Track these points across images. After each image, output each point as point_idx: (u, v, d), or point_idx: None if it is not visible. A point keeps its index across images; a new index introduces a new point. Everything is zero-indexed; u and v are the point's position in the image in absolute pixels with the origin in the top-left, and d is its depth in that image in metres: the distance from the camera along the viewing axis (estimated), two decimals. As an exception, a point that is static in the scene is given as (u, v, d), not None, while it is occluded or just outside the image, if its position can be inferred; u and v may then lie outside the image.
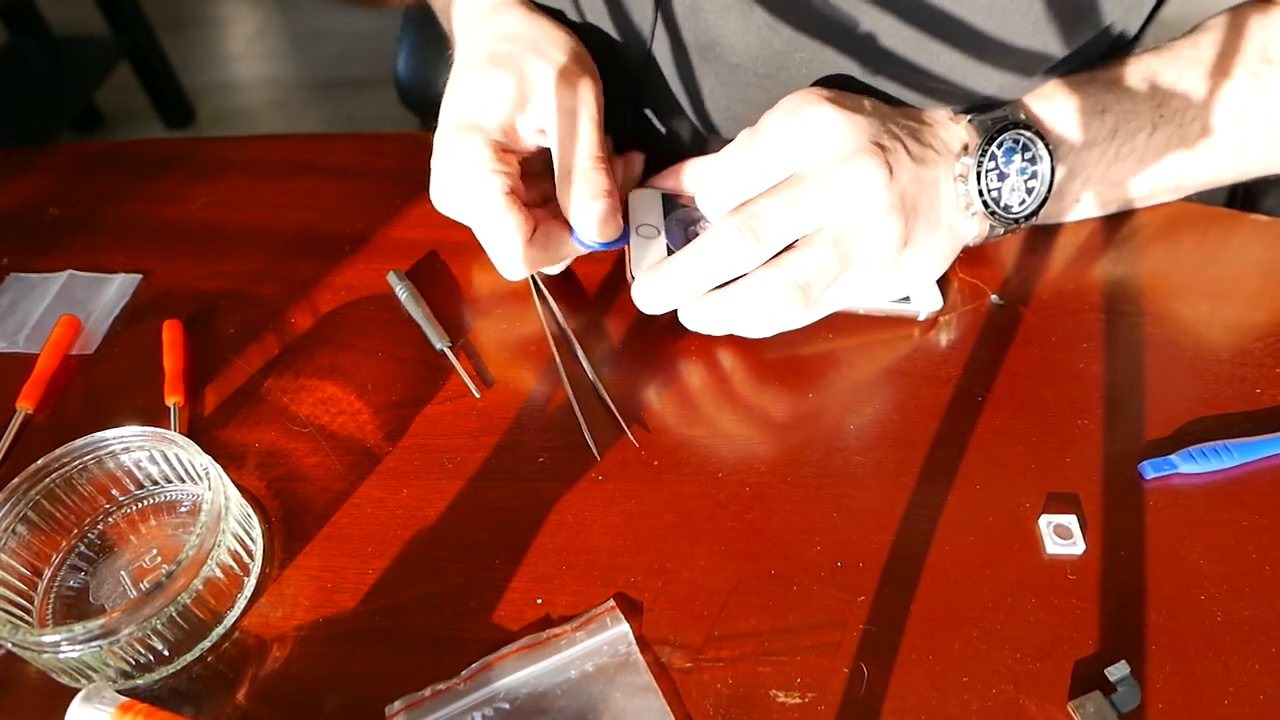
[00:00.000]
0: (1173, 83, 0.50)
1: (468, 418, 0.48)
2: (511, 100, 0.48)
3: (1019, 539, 0.42)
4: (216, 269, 0.56)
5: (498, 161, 0.47)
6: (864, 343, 0.51)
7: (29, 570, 0.41)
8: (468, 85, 0.49)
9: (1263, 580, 0.40)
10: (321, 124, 2.06)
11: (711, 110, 0.56)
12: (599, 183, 0.47)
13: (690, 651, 0.39)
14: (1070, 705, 0.37)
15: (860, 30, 0.47)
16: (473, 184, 0.47)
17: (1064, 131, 0.50)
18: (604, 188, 0.47)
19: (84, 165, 0.64)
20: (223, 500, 0.39)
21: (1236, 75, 0.50)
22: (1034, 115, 0.50)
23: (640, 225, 0.50)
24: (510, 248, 0.47)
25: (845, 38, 0.48)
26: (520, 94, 0.48)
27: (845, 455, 0.45)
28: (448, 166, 0.48)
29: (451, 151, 0.48)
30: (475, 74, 0.49)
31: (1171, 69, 0.51)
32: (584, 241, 0.49)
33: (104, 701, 0.34)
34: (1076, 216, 0.56)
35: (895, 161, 0.44)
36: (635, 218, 0.50)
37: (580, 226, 0.48)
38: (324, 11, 2.37)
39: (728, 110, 0.55)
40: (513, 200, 0.47)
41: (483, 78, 0.48)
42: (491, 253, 0.49)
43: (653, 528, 0.43)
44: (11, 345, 0.53)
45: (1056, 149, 0.49)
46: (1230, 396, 0.47)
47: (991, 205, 0.48)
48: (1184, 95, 0.50)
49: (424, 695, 0.38)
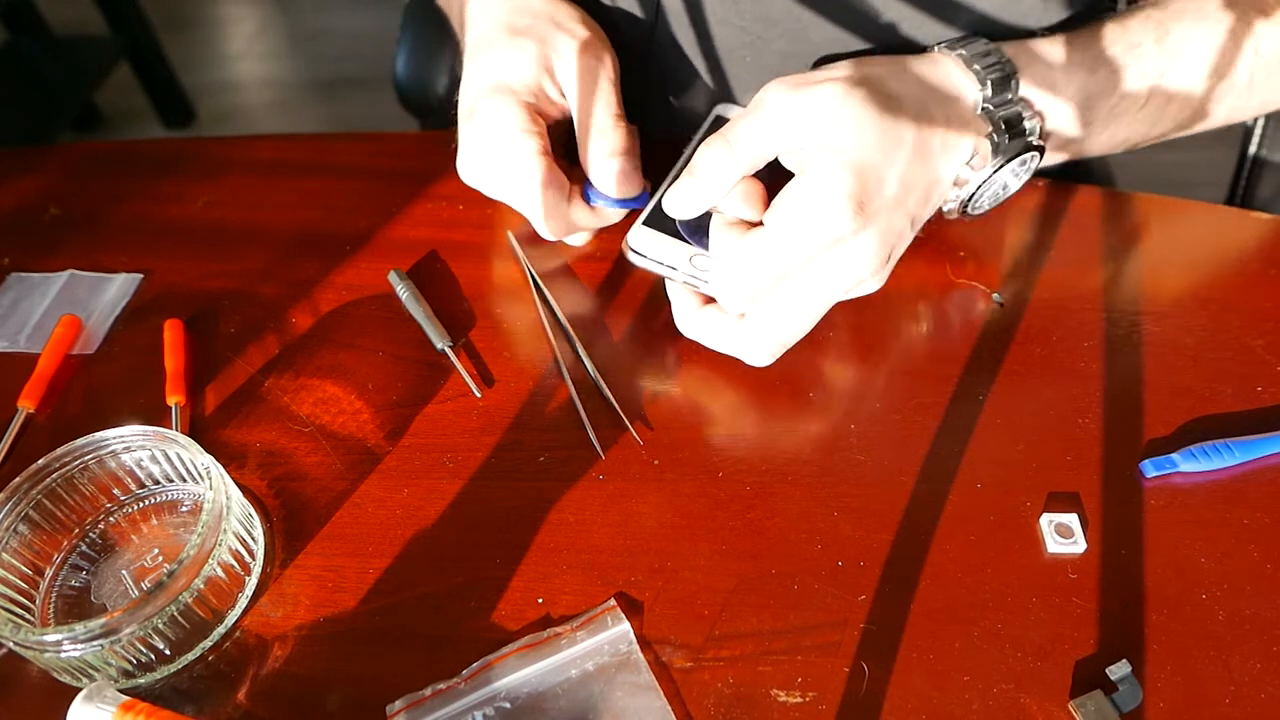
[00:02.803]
0: (1176, 33, 0.51)
1: (468, 417, 0.48)
2: (538, 65, 0.49)
3: (1020, 538, 0.42)
4: (217, 269, 0.56)
5: (531, 123, 0.49)
6: (864, 342, 0.51)
7: (30, 569, 0.41)
8: (493, 55, 0.50)
9: (1264, 579, 0.40)
10: (321, 124, 2.06)
11: (725, 71, 0.57)
12: (619, 140, 0.50)
13: (691, 651, 0.39)
14: (1071, 704, 0.37)
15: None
16: (511, 144, 0.48)
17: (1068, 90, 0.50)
18: (624, 145, 0.50)
19: (85, 165, 0.64)
20: (224, 499, 0.39)
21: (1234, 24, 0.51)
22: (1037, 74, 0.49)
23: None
24: (553, 204, 0.49)
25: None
26: (544, 60, 0.50)
27: (846, 454, 0.46)
28: (484, 129, 0.49)
29: (487, 114, 0.49)
30: (499, 45, 0.50)
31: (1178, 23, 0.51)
32: (602, 199, 0.50)
33: (105, 700, 0.34)
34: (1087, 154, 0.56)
35: (884, 220, 0.43)
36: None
37: (600, 183, 0.50)
38: (324, 11, 2.37)
39: (735, 80, 0.56)
40: (550, 159, 0.49)
41: (508, 47, 0.50)
42: (532, 212, 0.50)
43: (653, 527, 0.43)
44: (13, 345, 0.53)
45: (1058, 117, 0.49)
46: (1231, 395, 0.47)
47: (967, 208, 0.49)
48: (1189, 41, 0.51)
49: (425, 694, 0.38)
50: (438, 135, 0.58)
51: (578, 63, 0.50)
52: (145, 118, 2.04)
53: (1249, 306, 0.51)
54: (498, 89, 0.49)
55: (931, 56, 0.48)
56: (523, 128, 0.48)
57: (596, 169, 0.50)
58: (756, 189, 0.45)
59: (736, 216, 0.45)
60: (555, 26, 0.50)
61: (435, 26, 0.84)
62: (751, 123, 0.44)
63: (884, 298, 0.52)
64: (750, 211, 0.45)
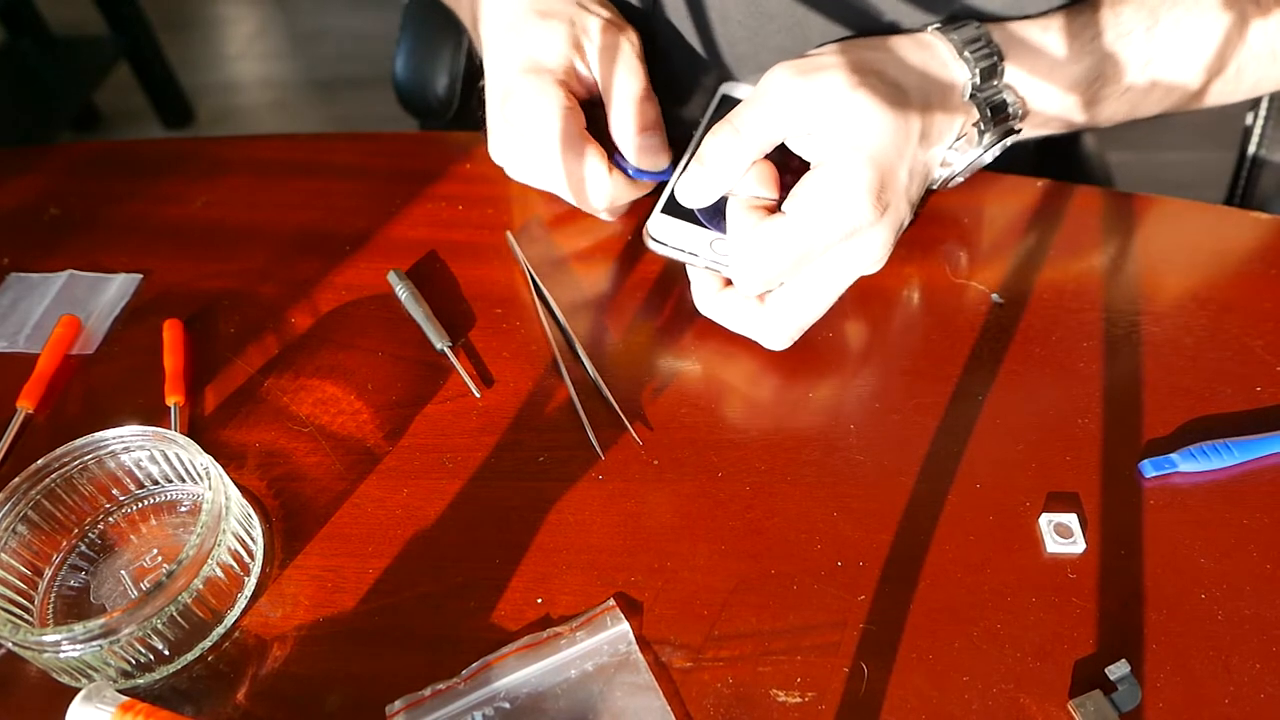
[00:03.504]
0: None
1: (468, 417, 0.48)
2: (569, 44, 0.51)
3: (1019, 538, 0.42)
4: (217, 269, 0.56)
5: (570, 101, 0.50)
6: (864, 342, 0.51)
7: (29, 570, 0.41)
8: (524, 37, 0.51)
9: (1263, 579, 0.40)
10: (321, 124, 2.06)
11: (724, 58, 0.57)
12: (649, 116, 0.51)
13: (690, 651, 0.39)
14: (1071, 704, 0.37)
15: None
16: (552, 120, 0.50)
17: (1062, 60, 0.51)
18: (653, 120, 0.51)
19: (84, 165, 0.64)
20: (223, 500, 0.39)
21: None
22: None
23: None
24: (597, 175, 0.51)
25: None
26: (575, 40, 0.51)
27: (845, 454, 0.46)
28: (523, 110, 0.50)
29: (525, 95, 0.50)
30: (529, 27, 0.51)
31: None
32: (632, 170, 0.52)
33: (105, 701, 0.34)
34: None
35: (895, 209, 0.45)
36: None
37: (633, 156, 0.52)
38: (323, 11, 2.37)
39: (741, 59, 0.57)
40: (589, 136, 0.51)
41: (539, 28, 0.51)
42: (575, 187, 0.51)
43: (653, 527, 0.43)
44: (12, 345, 0.53)
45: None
46: (1230, 395, 0.47)
47: (940, 183, 0.51)
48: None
49: (424, 695, 0.38)
50: (437, 135, 0.58)
51: (606, 41, 0.51)
52: (144, 118, 2.04)
53: (1248, 306, 0.51)
54: (534, 69, 0.51)
55: (924, 40, 0.49)
56: (565, 106, 0.50)
57: (628, 144, 0.51)
58: (769, 170, 0.46)
59: (751, 197, 0.46)
60: (580, 7, 0.52)
61: (435, 27, 0.84)
62: (758, 109, 0.45)
63: (884, 298, 0.52)
64: (764, 191, 0.46)
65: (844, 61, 0.45)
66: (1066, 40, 0.50)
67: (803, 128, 0.45)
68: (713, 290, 0.49)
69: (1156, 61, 0.52)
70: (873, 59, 0.46)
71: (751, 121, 0.45)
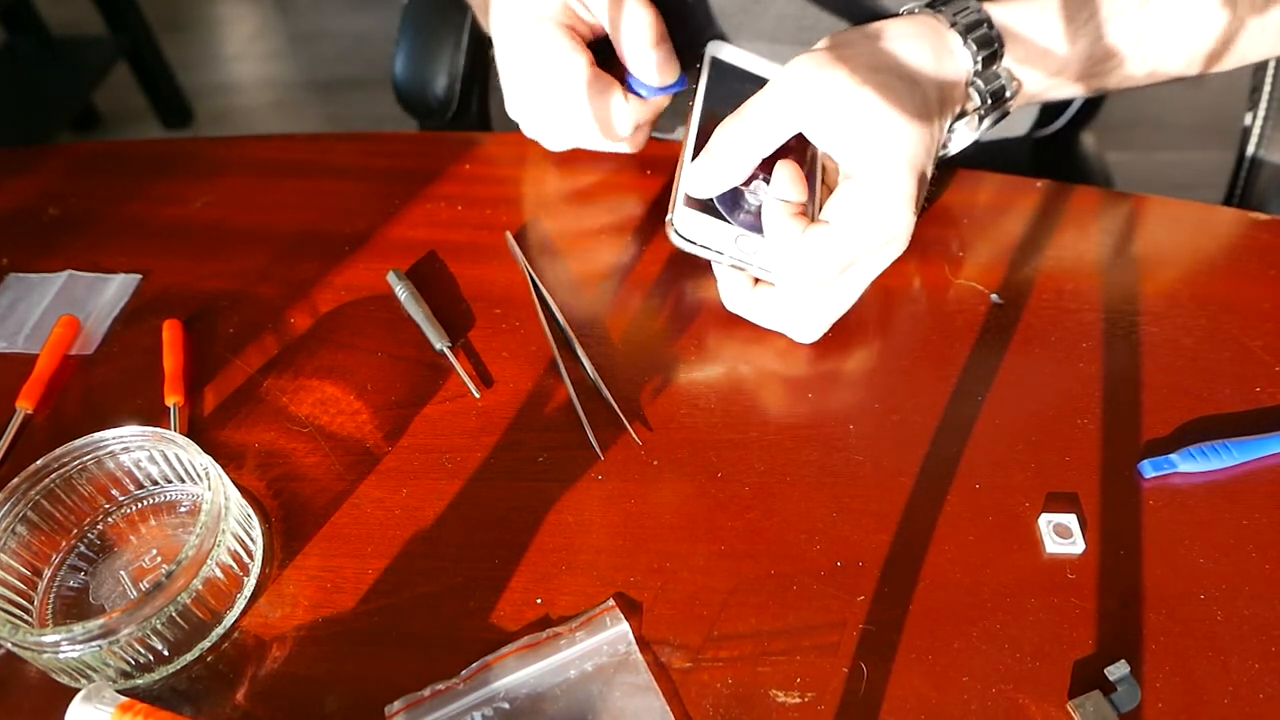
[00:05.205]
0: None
1: (467, 417, 0.48)
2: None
3: (1019, 538, 0.42)
4: (216, 269, 0.56)
5: (574, 41, 0.53)
6: (863, 342, 0.51)
7: (29, 570, 0.41)
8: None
9: (1262, 579, 0.40)
10: (320, 124, 2.06)
11: (719, 25, 0.59)
12: (654, 30, 0.52)
13: (690, 651, 0.39)
14: (1070, 705, 0.37)
15: None
16: (562, 63, 0.52)
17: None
18: (658, 33, 0.53)
19: (84, 165, 0.64)
20: (222, 500, 0.39)
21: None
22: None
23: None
24: (616, 107, 0.53)
25: None
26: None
27: (845, 455, 0.46)
28: (530, 58, 0.53)
29: (530, 45, 0.53)
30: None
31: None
32: (645, 88, 0.53)
33: (104, 701, 0.34)
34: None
35: (918, 208, 0.46)
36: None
37: (643, 74, 0.53)
38: (323, 11, 2.37)
39: (738, 28, 0.58)
40: (597, 69, 0.53)
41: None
42: (601, 119, 0.53)
43: (653, 528, 0.43)
44: (11, 345, 0.53)
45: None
46: (1229, 395, 0.47)
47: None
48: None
49: (424, 695, 0.38)
50: (437, 135, 0.58)
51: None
52: (144, 118, 2.04)
53: (1247, 307, 0.51)
54: (536, 19, 0.53)
55: (932, 25, 0.49)
56: (569, 48, 0.52)
57: (636, 62, 0.53)
58: (797, 171, 0.47)
59: (783, 198, 0.46)
60: None
61: (434, 27, 0.84)
62: (771, 103, 0.46)
63: (884, 298, 0.52)
64: (794, 193, 0.46)
65: (860, 59, 0.45)
66: (1064, 23, 0.51)
67: (820, 125, 0.45)
68: (744, 289, 0.49)
69: (1146, 39, 0.52)
70: (887, 54, 0.46)
71: (764, 116, 0.46)
